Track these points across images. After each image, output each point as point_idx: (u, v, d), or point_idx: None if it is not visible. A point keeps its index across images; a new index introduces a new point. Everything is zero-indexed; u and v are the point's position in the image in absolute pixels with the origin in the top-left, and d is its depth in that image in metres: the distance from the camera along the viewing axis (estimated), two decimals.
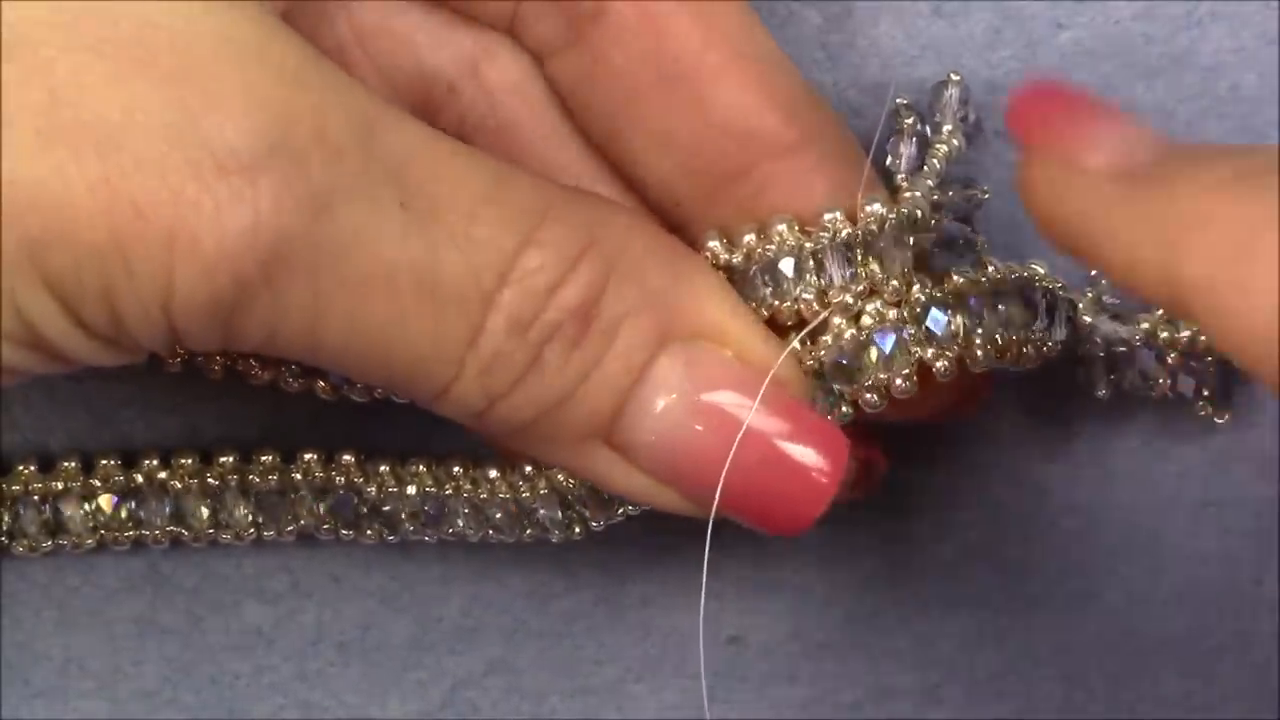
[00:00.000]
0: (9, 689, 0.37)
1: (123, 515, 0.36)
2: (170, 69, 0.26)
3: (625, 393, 0.29)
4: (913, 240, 0.31)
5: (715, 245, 0.31)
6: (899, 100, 0.33)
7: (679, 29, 0.30)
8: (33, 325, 0.26)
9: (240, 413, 0.36)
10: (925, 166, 0.33)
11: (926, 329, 0.32)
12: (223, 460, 0.35)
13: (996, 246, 0.33)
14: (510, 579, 0.37)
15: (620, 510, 0.34)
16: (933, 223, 0.32)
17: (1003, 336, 0.32)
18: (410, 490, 0.35)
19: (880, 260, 0.31)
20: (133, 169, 0.25)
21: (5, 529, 0.35)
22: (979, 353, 0.32)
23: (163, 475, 0.35)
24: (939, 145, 0.33)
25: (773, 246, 0.31)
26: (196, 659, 0.37)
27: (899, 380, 0.31)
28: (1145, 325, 0.33)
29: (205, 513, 0.36)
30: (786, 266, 0.31)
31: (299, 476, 0.35)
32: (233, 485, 0.36)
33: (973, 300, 0.32)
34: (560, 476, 0.34)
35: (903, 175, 0.33)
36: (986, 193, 0.34)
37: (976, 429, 0.36)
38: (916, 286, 0.32)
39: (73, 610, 0.37)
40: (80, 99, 0.25)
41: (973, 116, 0.34)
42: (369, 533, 0.36)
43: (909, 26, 0.35)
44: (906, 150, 0.33)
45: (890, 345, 0.31)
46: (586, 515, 0.34)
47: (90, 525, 0.36)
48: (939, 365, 0.31)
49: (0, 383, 0.27)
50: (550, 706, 0.38)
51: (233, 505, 0.36)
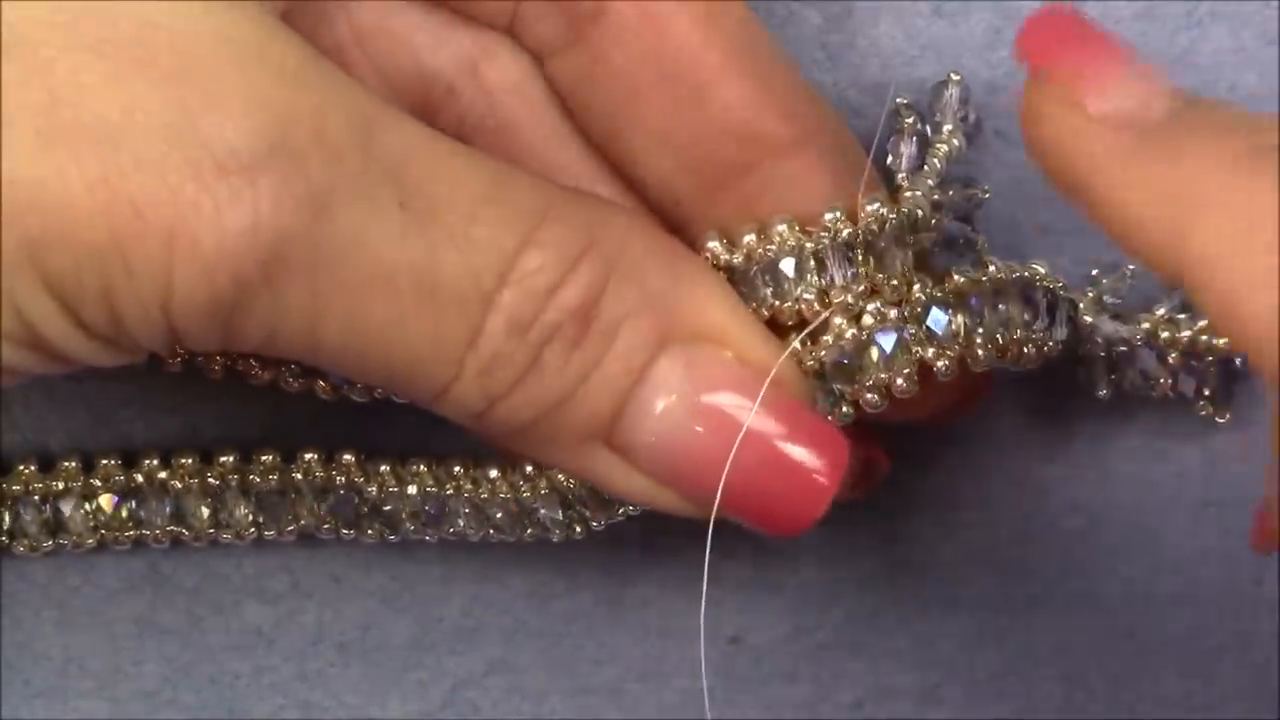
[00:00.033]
0: (9, 689, 0.37)
1: (123, 515, 0.36)
2: (170, 69, 0.26)
3: (625, 394, 0.29)
4: (913, 240, 0.31)
5: (715, 245, 0.31)
6: (899, 100, 0.33)
7: (679, 29, 0.30)
8: (32, 325, 0.26)
9: (240, 413, 0.36)
10: (925, 166, 0.33)
11: (927, 329, 0.31)
12: (223, 460, 0.35)
13: (997, 246, 0.33)
14: (511, 579, 0.37)
15: (620, 510, 0.34)
16: (933, 222, 0.32)
17: (1003, 336, 0.32)
18: (411, 490, 0.35)
19: (881, 260, 0.31)
20: (132, 169, 0.25)
21: (5, 529, 0.35)
22: (980, 352, 0.32)
23: (163, 475, 0.35)
24: (939, 145, 0.33)
25: (773, 247, 0.31)
26: (196, 659, 0.37)
27: (900, 380, 0.31)
28: (1146, 325, 0.34)
29: (205, 512, 0.36)
30: (787, 267, 0.31)
31: (299, 476, 0.35)
32: (233, 485, 0.35)
33: (973, 300, 0.32)
34: (560, 476, 0.34)
35: (903, 175, 0.33)
36: (987, 192, 0.34)
37: (976, 429, 0.36)
38: (917, 286, 0.32)
39: (73, 610, 0.37)
40: (80, 99, 0.25)
41: (973, 116, 0.34)
42: (369, 532, 0.36)
43: (909, 26, 0.35)
44: (907, 150, 0.33)
45: (891, 345, 0.31)
46: (587, 515, 0.34)
47: (90, 525, 0.35)
48: (940, 365, 0.31)
49: (0, 383, 0.27)
50: (550, 706, 0.38)
51: (233, 505, 0.36)
